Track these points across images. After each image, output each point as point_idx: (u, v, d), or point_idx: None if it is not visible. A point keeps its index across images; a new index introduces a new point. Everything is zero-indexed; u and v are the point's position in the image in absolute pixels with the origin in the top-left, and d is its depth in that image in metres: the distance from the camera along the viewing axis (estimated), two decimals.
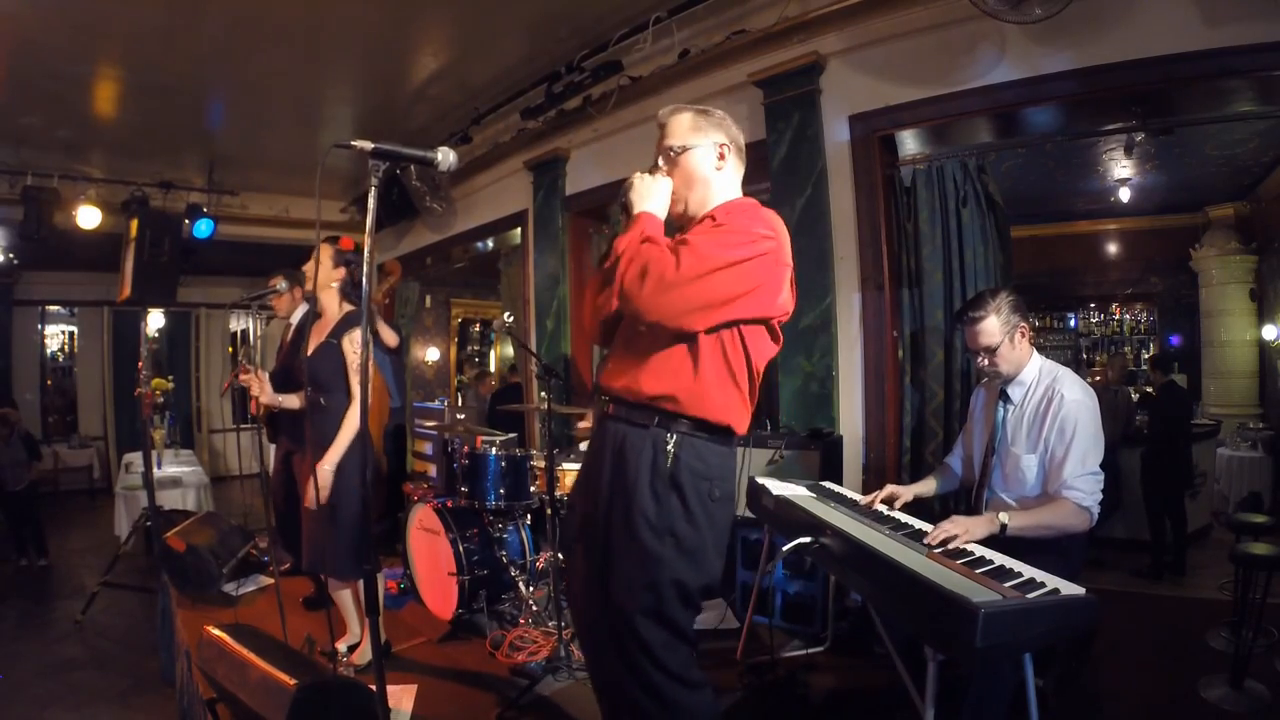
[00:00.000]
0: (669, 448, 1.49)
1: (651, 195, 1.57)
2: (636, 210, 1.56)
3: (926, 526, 2.03)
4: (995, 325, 2.10)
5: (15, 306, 8.32)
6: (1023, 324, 2.12)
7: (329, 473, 2.42)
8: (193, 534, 3.54)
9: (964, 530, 1.86)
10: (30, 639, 3.84)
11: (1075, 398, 2.01)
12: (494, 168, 5.22)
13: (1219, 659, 2.83)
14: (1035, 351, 2.18)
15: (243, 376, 2.83)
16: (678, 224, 1.65)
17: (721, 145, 1.62)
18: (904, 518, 2.15)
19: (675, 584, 1.47)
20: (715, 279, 1.42)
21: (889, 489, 2.30)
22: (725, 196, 1.62)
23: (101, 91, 4.43)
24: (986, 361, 2.15)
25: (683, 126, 1.63)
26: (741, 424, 1.57)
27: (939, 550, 1.80)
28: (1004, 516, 1.91)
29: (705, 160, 1.61)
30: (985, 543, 1.87)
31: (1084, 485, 1.96)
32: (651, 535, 1.46)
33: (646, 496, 1.48)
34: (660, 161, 1.64)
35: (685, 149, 1.61)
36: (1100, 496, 1.98)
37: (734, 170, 1.65)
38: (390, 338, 4.21)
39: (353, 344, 2.54)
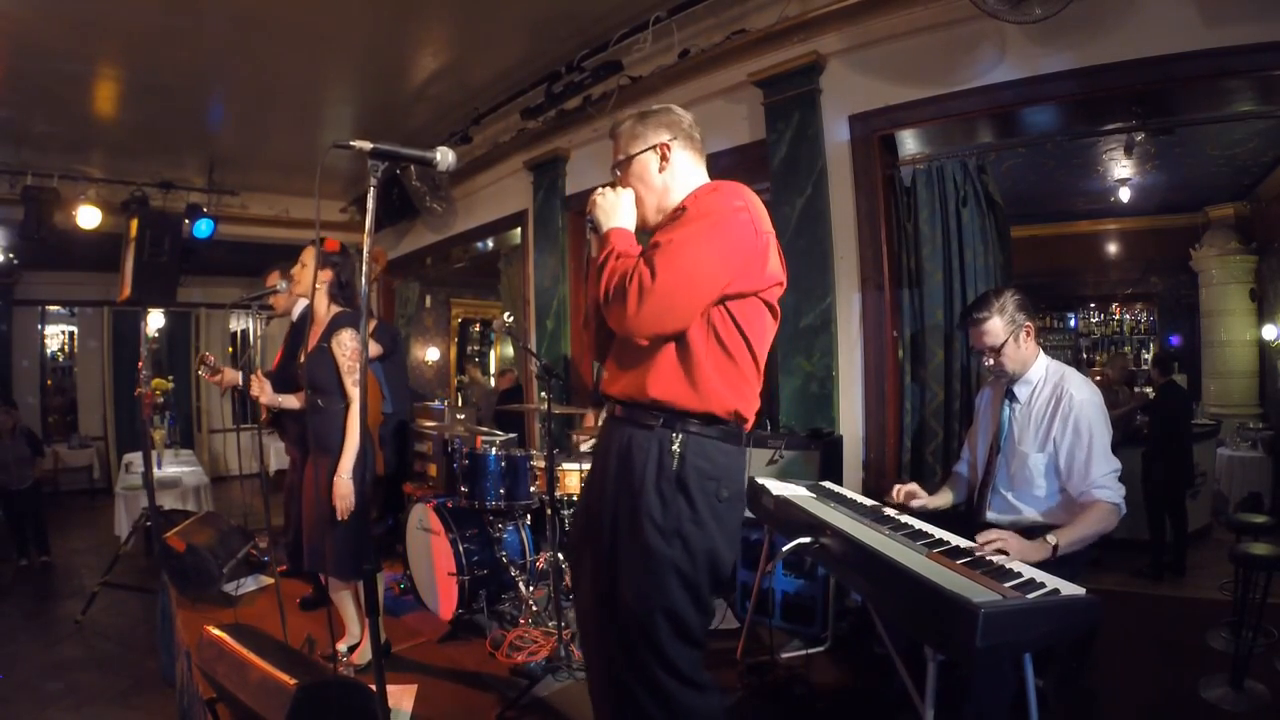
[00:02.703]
0: (675, 448, 1.46)
1: (616, 209, 1.57)
2: (605, 228, 1.55)
3: (927, 527, 2.04)
4: (999, 325, 2.10)
5: (15, 306, 8.31)
6: (1028, 323, 2.12)
7: (347, 482, 2.41)
8: (193, 534, 3.54)
9: (1016, 551, 1.79)
10: (30, 639, 3.84)
11: (1084, 397, 2.01)
12: (494, 168, 5.23)
13: (1219, 659, 2.83)
14: (1041, 351, 2.18)
15: (212, 379, 2.86)
16: (647, 229, 1.62)
17: (662, 145, 1.59)
18: (905, 518, 2.15)
19: (684, 586, 1.45)
20: (695, 271, 1.40)
21: (912, 485, 2.26)
22: (685, 190, 1.60)
23: (101, 91, 4.44)
24: (992, 361, 2.15)
25: (624, 137, 1.63)
26: (747, 407, 1.54)
27: (939, 550, 1.80)
28: (1052, 538, 1.87)
29: (650, 165, 1.60)
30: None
31: (1110, 483, 1.96)
32: (658, 537, 1.45)
33: (653, 498, 1.46)
34: (614, 177, 1.65)
35: (630, 159, 1.61)
36: (1124, 490, 1.98)
37: (686, 163, 1.62)
38: (372, 348, 4.17)
39: (340, 346, 2.53)
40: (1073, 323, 7.94)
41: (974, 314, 2.15)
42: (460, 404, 8.04)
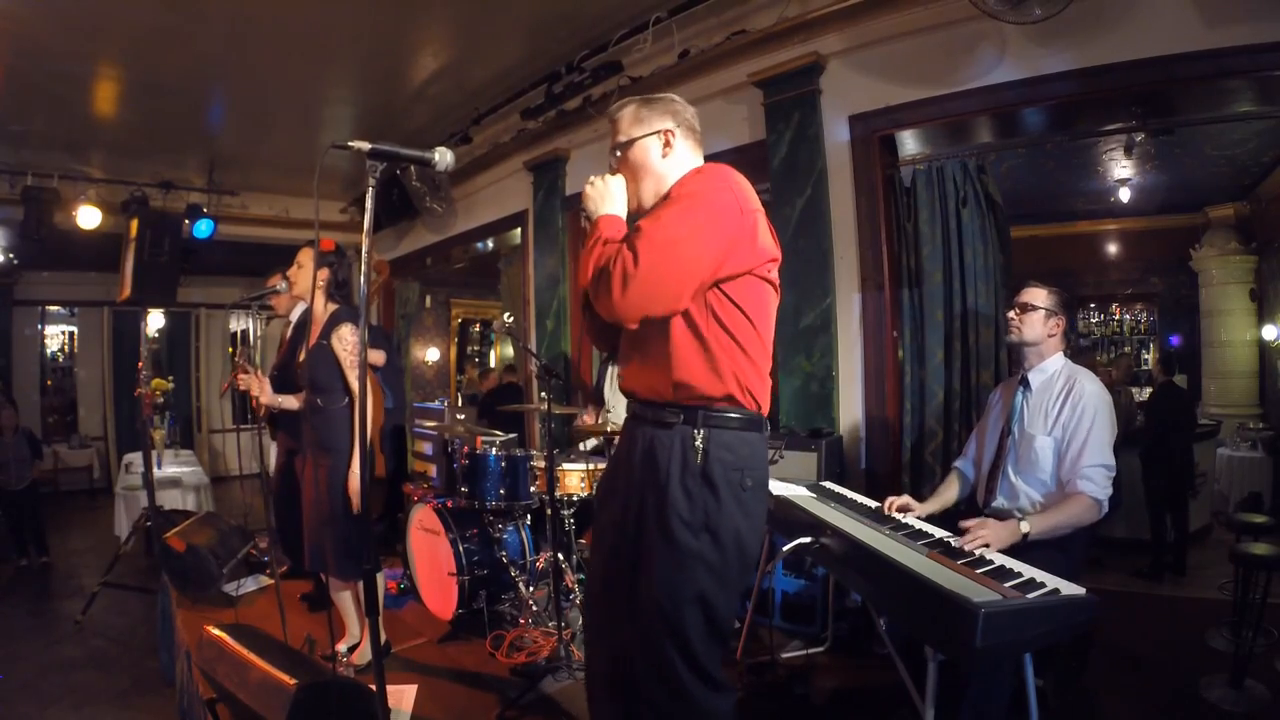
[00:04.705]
0: (697, 443, 1.47)
1: (607, 197, 1.57)
2: (596, 216, 1.56)
3: (926, 527, 2.04)
4: (1043, 296, 2.23)
5: (15, 306, 8.31)
6: (1061, 317, 2.23)
7: (358, 475, 2.41)
8: (193, 534, 3.54)
9: (995, 539, 1.86)
10: (30, 639, 3.84)
11: (1095, 390, 2.08)
12: (494, 168, 5.23)
13: (1219, 659, 2.83)
14: (1061, 352, 2.24)
15: (239, 378, 2.84)
16: (640, 216, 1.61)
17: (666, 131, 1.59)
18: (905, 518, 2.15)
19: (715, 578, 1.45)
20: (678, 253, 1.39)
21: (905, 498, 2.28)
22: (679, 176, 1.60)
23: (101, 91, 4.43)
24: (1016, 318, 2.24)
25: (626, 119, 1.62)
26: (761, 392, 1.53)
27: (939, 550, 1.80)
28: (1024, 525, 1.92)
29: (651, 150, 1.59)
30: None
31: (1097, 476, 1.99)
32: (687, 532, 1.44)
33: (679, 494, 1.46)
34: (612, 160, 1.65)
35: (631, 142, 1.60)
36: (1111, 490, 2.01)
37: (686, 152, 1.62)
38: (375, 356, 4.15)
39: (340, 341, 2.54)
40: (1073, 323, 7.94)
41: (1032, 281, 2.28)
42: (460, 404, 8.04)
